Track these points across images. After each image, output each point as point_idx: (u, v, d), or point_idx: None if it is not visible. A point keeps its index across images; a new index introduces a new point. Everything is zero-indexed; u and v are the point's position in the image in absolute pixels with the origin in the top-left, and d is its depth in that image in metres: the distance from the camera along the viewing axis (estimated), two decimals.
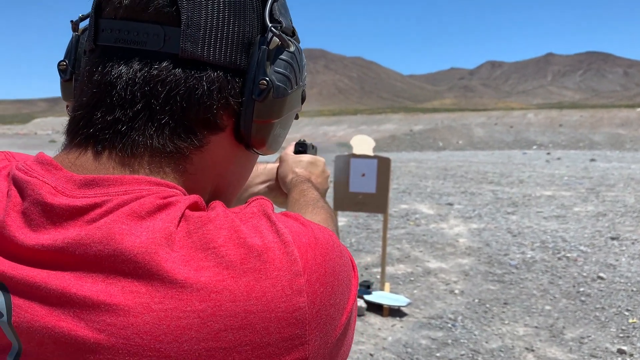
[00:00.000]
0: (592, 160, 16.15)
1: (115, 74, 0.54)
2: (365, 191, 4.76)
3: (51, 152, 0.58)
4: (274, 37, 0.58)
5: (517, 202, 9.39)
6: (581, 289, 5.20)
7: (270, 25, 0.58)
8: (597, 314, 4.63)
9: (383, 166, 4.72)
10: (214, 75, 0.55)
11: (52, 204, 0.50)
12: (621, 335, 4.21)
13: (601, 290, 5.16)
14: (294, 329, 0.48)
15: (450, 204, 9.34)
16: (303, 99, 0.69)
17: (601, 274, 5.55)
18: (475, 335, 4.22)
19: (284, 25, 0.60)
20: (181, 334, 0.45)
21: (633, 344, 4.03)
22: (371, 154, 4.79)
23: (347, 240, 7.08)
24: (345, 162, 4.78)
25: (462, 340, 4.12)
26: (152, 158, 0.55)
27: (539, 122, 48.70)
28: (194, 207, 0.52)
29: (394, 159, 18.07)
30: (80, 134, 0.56)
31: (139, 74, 0.54)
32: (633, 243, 6.72)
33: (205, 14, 0.54)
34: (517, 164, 15.49)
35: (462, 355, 3.88)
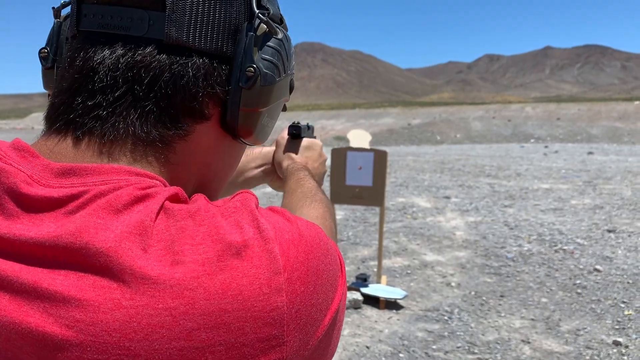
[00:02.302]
0: (590, 153, 16.16)
1: (98, 59, 0.53)
2: (362, 184, 4.76)
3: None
4: (261, 24, 0.57)
5: (514, 195, 9.40)
6: (577, 282, 5.21)
7: (257, 11, 0.57)
8: (593, 306, 4.64)
9: (380, 159, 4.72)
10: (199, 61, 0.55)
11: (27, 193, 0.49)
12: (617, 327, 4.22)
13: (597, 283, 5.17)
14: (272, 329, 0.46)
15: (448, 197, 9.34)
16: (291, 89, 0.68)
17: (597, 267, 5.56)
18: (471, 327, 4.23)
19: (271, 12, 0.59)
20: (152, 332, 0.43)
21: (628, 336, 4.04)
22: (368, 147, 4.79)
23: (344, 234, 7.09)
24: (342, 155, 4.77)
25: (458, 333, 4.13)
26: (135, 146, 0.53)
27: (537, 115, 48.68)
28: (174, 198, 0.51)
29: (391, 153, 18.05)
30: (60, 120, 0.55)
31: (122, 60, 0.52)
32: (629, 236, 6.73)
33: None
34: (514, 157, 15.50)
35: (459, 347, 3.89)
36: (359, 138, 4.85)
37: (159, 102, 0.53)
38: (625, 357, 3.72)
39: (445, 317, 4.42)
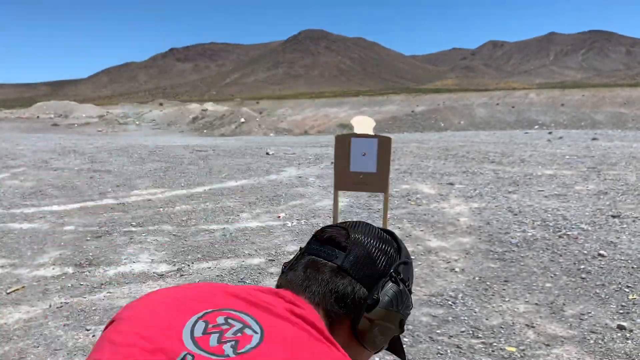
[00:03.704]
0: (594, 139, 16.07)
1: (312, 265, 1.03)
2: (365, 171, 4.75)
3: (52, 135, 0.57)
4: (393, 281, 1.02)
5: (518, 181, 9.37)
6: (582, 267, 5.21)
7: (393, 273, 1.03)
8: (597, 290, 4.65)
9: (384, 145, 4.71)
10: (355, 286, 0.99)
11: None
12: (621, 311, 4.23)
13: (601, 268, 5.17)
14: None
15: (452, 184, 9.33)
16: (401, 328, 1.07)
17: (602, 252, 5.56)
18: (475, 312, 4.24)
19: (401, 276, 1.04)
20: None
21: (633, 320, 4.05)
22: (372, 133, 4.77)
23: (348, 220, 7.09)
24: (346, 141, 4.76)
25: (462, 317, 4.14)
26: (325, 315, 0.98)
27: (541, 101, 48.38)
28: None
29: (395, 140, 17.97)
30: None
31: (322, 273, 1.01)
32: (634, 221, 6.72)
33: (359, 253, 1.02)
34: (518, 143, 15.43)
35: (463, 332, 3.90)
36: (363, 124, 4.84)
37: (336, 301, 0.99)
38: (630, 341, 3.73)
39: (450, 302, 4.44)
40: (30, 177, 11.07)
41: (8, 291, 4.85)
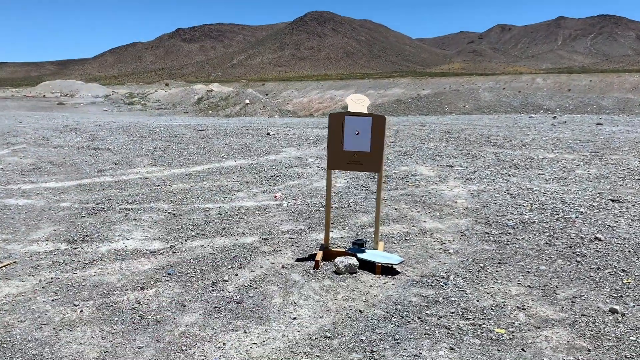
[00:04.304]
0: (599, 124, 15.89)
1: None
2: (359, 150, 4.69)
3: (56, 114, 0.51)
4: None
5: (519, 165, 9.28)
6: (577, 250, 5.15)
7: None
8: (592, 274, 4.60)
9: (378, 124, 4.63)
10: None
11: None
12: (614, 295, 4.18)
13: (597, 251, 5.12)
14: None
15: (451, 166, 9.25)
16: None
17: (599, 235, 5.50)
18: (466, 293, 4.20)
19: None
20: None
21: (626, 304, 4.00)
22: (366, 112, 4.70)
23: (345, 201, 7.04)
24: (340, 120, 4.69)
25: (453, 298, 4.10)
26: None
27: (547, 86, 47.99)
28: None
29: (397, 122, 17.83)
30: None
31: None
32: (634, 205, 6.64)
33: None
34: (522, 127, 15.27)
35: (452, 312, 3.86)
36: (358, 102, 4.76)
37: None
38: (621, 325, 3.68)
39: (441, 283, 4.40)
40: (30, 154, 11.06)
41: None
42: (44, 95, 73.61)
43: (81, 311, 3.91)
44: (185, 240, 5.54)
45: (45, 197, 7.45)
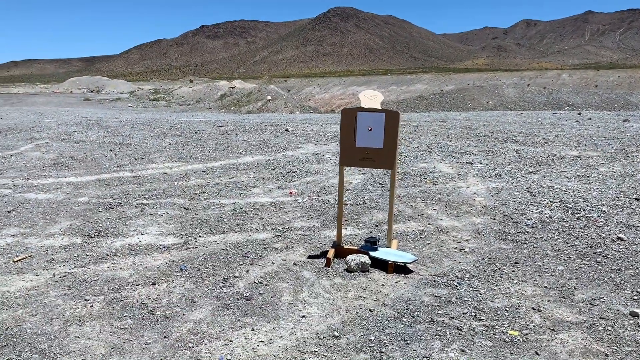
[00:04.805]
0: (625, 120, 15.49)
1: None
2: (372, 146, 4.61)
3: (81, 110, 0.47)
4: None
5: (540, 162, 9.08)
6: (598, 250, 5.00)
7: None
8: (613, 275, 4.45)
9: (391, 120, 4.55)
10: None
11: None
12: (635, 297, 4.04)
13: (619, 252, 4.96)
14: None
15: (471, 163, 9.09)
16: None
17: (621, 235, 5.33)
18: (480, 294, 4.10)
19: None
20: None
21: None
22: (379, 107, 4.61)
23: (360, 198, 6.97)
24: (352, 116, 4.62)
25: (466, 299, 4.01)
26: None
27: (573, 82, 47.06)
28: None
29: (418, 118, 17.64)
30: None
31: None
32: None
33: None
34: (545, 123, 14.97)
35: (465, 313, 3.77)
36: (371, 98, 4.68)
37: None
38: None
39: (455, 283, 4.30)
40: (53, 149, 11.21)
41: (15, 259, 4.89)
42: (71, 91, 74.82)
43: (91, 306, 3.92)
44: (199, 236, 5.53)
45: (64, 192, 7.53)
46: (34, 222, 6.11)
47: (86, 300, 4.02)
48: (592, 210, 6.23)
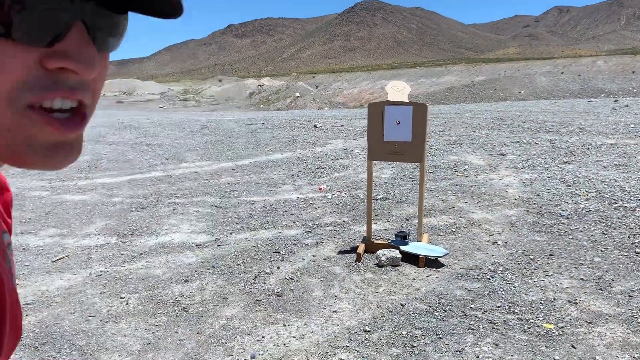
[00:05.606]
0: None
1: None
2: (400, 140, 4.57)
3: (114, 111, 0.48)
4: None
5: (575, 151, 8.87)
6: (637, 241, 4.86)
7: None
8: None
9: (419, 113, 4.51)
10: None
11: None
12: None
13: None
14: None
15: (503, 155, 8.94)
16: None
17: None
18: (514, 287, 4.04)
19: None
20: None
21: None
22: (406, 100, 4.57)
23: (390, 192, 6.93)
24: (379, 109, 4.59)
25: (499, 292, 3.95)
26: None
27: (609, 69, 45.77)
28: None
29: (448, 110, 17.45)
30: None
31: None
32: None
33: None
34: (580, 112, 14.61)
35: (498, 307, 3.72)
36: (398, 90, 4.64)
37: None
38: None
39: (488, 276, 4.24)
40: (87, 151, 11.47)
41: (54, 259, 5.03)
42: (104, 94, 76.51)
43: (127, 304, 4.00)
44: (230, 233, 5.59)
45: (98, 193, 7.71)
46: (71, 223, 6.27)
47: (122, 298, 4.11)
48: (630, 199, 6.06)
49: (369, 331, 3.45)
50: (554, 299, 3.82)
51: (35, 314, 3.87)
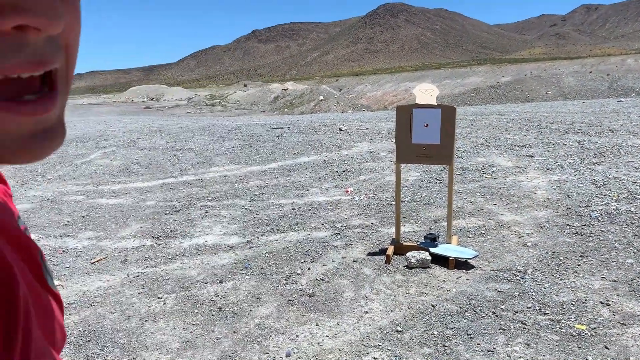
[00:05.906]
0: None
1: None
2: (429, 142, 4.63)
3: (143, 117, 0.54)
4: None
5: (605, 152, 8.77)
6: None
7: None
8: None
9: (447, 115, 4.55)
10: None
11: None
12: None
13: None
14: None
15: (531, 156, 8.89)
16: None
17: None
18: (545, 288, 4.05)
19: None
20: None
21: None
22: (434, 103, 4.63)
23: (417, 194, 6.97)
24: (408, 112, 4.65)
25: (530, 293, 3.97)
26: None
27: None
28: None
29: (474, 112, 17.32)
30: None
31: None
32: None
33: None
34: (609, 112, 14.39)
35: (529, 307, 3.74)
36: (426, 93, 4.69)
37: None
38: None
39: (518, 278, 4.26)
40: (119, 156, 11.76)
41: (92, 261, 5.21)
42: (132, 100, 77.92)
43: (164, 304, 4.14)
44: (261, 235, 5.71)
45: (132, 197, 7.91)
46: (107, 226, 6.46)
47: (159, 298, 4.25)
48: None
49: (400, 331, 3.51)
50: (585, 300, 3.83)
51: (78, 313, 4.04)
